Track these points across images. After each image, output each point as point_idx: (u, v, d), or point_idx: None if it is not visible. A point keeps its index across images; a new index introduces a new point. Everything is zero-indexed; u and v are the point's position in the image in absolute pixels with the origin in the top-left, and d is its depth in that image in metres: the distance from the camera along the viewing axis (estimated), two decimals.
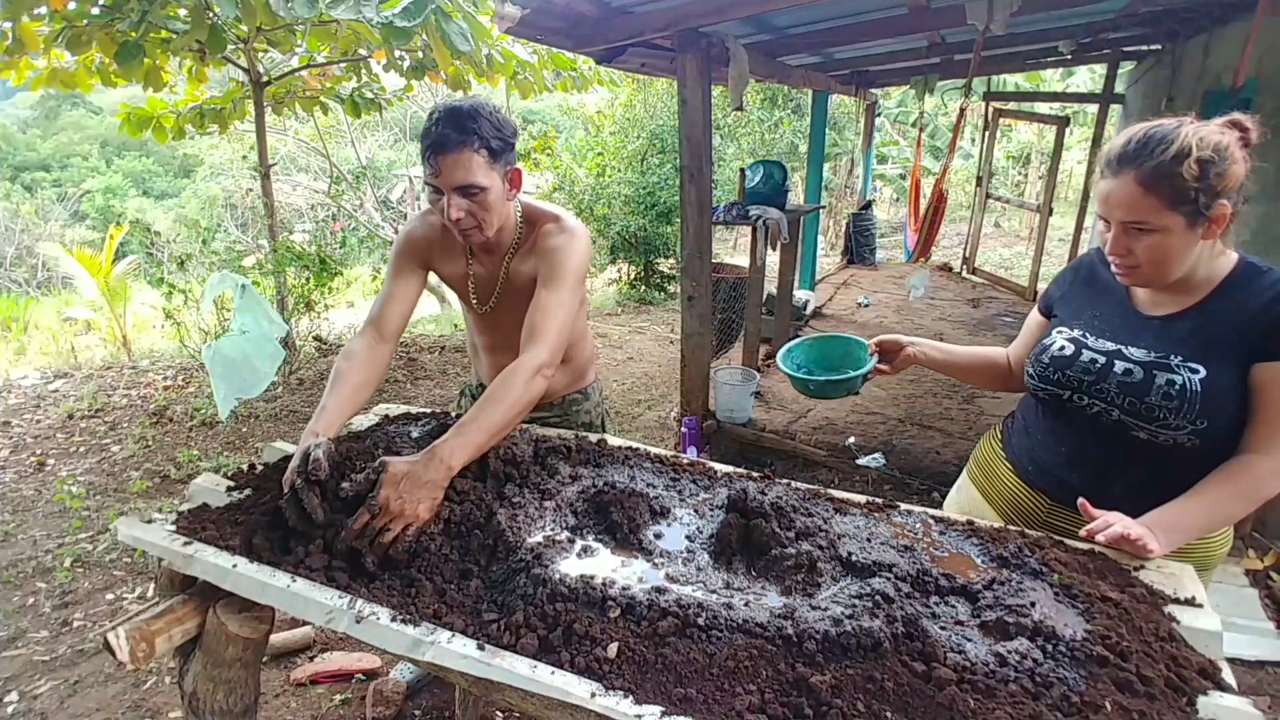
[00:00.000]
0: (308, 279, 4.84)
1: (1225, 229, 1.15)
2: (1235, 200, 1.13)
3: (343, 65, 5.34)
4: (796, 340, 1.71)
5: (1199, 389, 1.16)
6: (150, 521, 1.18)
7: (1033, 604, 0.93)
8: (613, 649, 0.88)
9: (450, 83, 4.97)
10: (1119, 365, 1.23)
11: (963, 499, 1.60)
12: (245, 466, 1.37)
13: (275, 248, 4.94)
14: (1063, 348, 1.31)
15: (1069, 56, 5.70)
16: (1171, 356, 1.20)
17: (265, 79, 5.08)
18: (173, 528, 1.16)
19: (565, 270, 1.48)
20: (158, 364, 5.74)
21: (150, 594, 2.74)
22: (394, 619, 0.95)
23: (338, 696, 2.21)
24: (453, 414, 1.64)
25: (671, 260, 9.13)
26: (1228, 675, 0.96)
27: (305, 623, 2.53)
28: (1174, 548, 1.17)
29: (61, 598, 2.74)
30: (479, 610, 0.98)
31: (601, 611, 0.94)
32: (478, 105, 1.39)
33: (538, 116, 15.93)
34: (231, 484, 1.30)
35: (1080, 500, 1.17)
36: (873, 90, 7.81)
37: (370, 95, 5.65)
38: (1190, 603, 1.09)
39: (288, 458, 1.38)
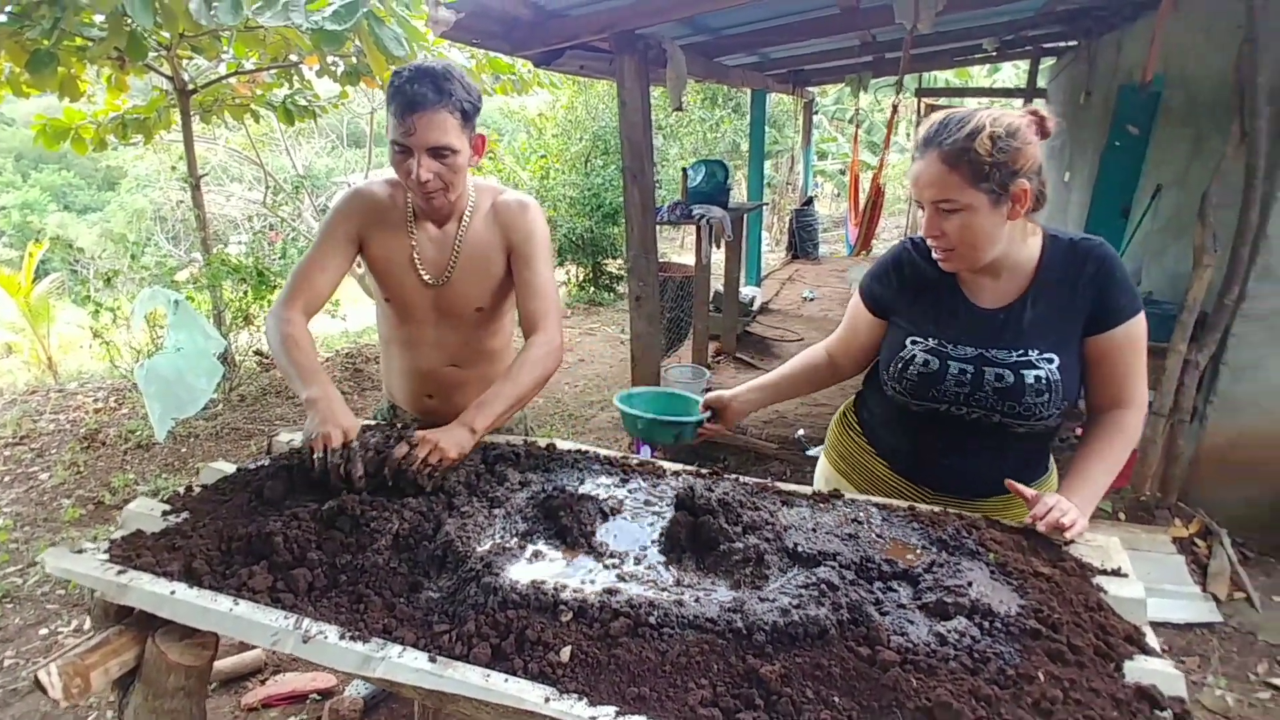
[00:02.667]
0: (245, 292, 4.69)
1: (1028, 208, 1.21)
2: (1035, 181, 1.19)
3: (273, 72, 5.18)
4: (642, 390, 1.75)
5: (1058, 376, 1.24)
6: (81, 551, 1.13)
7: (970, 584, 0.97)
8: (565, 653, 0.89)
9: (386, 88, 4.87)
10: (989, 372, 1.26)
11: (834, 484, 1.57)
12: (182, 489, 1.33)
13: (209, 261, 4.78)
14: (927, 362, 1.31)
15: (993, 53, 5.93)
16: (1029, 351, 1.25)
17: (191, 87, 4.91)
18: (105, 556, 1.11)
19: (543, 248, 1.55)
20: (87, 386, 5.48)
21: (87, 627, 2.62)
22: (342, 636, 0.94)
23: (293, 719, 2.15)
24: (388, 427, 1.58)
25: (620, 260, 9.14)
26: (1152, 640, 1.02)
27: (249, 645, 2.46)
28: (1091, 510, 1.25)
29: None
30: (430, 622, 0.97)
31: (554, 616, 0.95)
32: (449, 67, 1.39)
33: (478, 119, 15.75)
34: (167, 508, 1.26)
35: (1008, 482, 1.23)
36: (809, 88, 7.97)
37: (304, 102, 5.50)
38: (1117, 573, 1.15)
39: (227, 479, 1.35)
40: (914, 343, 1.34)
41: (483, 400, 1.36)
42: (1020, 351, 1.26)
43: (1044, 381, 1.23)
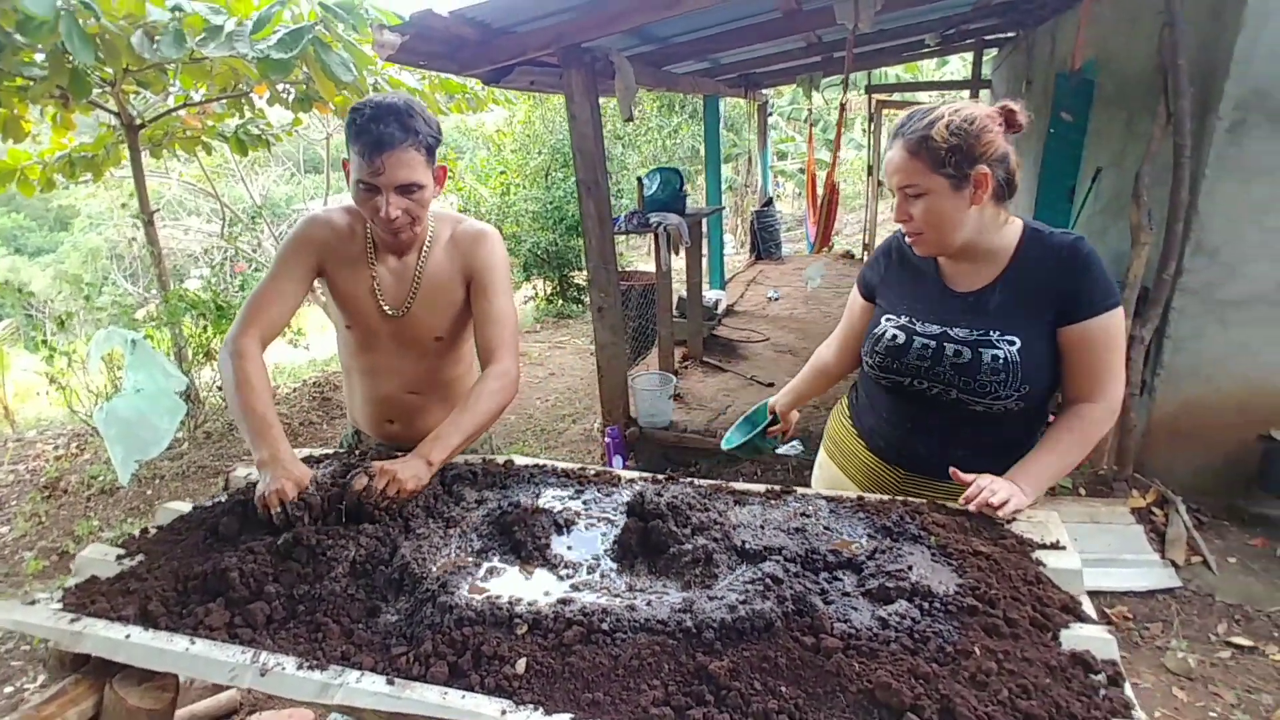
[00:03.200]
0: (205, 327, 4.63)
1: (989, 193, 1.27)
2: (999, 168, 1.26)
3: (223, 102, 5.14)
4: (732, 429, 1.90)
5: (1018, 359, 1.29)
6: (33, 603, 1.12)
7: (910, 567, 1.01)
8: (521, 664, 0.91)
9: (339, 113, 4.86)
10: (949, 348, 1.34)
11: (824, 476, 1.71)
12: (137, 532, 1.32)
13: (167, 298, 4.71)
14: (894, 336, 1.41)
15: (936, 48, 6.07)
16: (991, 332, 1.32)
17: (139, 121, 4.85)
18: (59, 605, 1.11)
19: (501, 277, 1.57)
20: (46, 433, 5.36)
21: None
22: (300, 666, 0.95)
23: None
24: (348, 456, 1.59)
25: (585, 273, 9.15)
26: (1088, 608, 1.07)
27: (225, 685, 2.43)
28: (1039, 494, 1.30)
29: None
30: (388, 645, 0.98)
31: (509, 630, 0.96)
32: (411, 102, 1.40)
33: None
34: (121, 551, 1.25)
35: (951, 469, 1.28)
36: (762, 91, 8.09)
37: (256, 131, 5.46)
38: (1055, 546, 1.19)
39: (183, 518, 1.34)
40: (888, 320, 1.44)
41: (439, 433, 1.36)
42: (981, 331, 1.32)
43: (1001, 361, 1.29)
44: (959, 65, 12.78)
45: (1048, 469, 1.30)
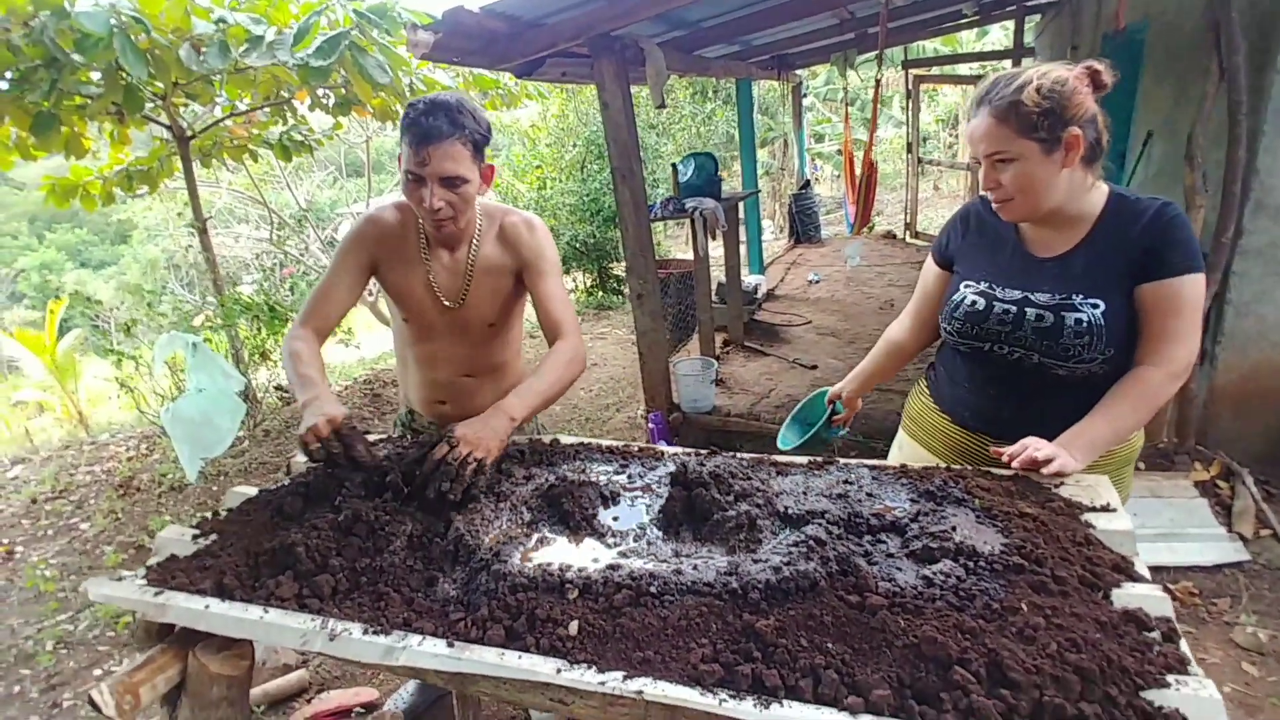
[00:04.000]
0: (260, 329, 4.81)
1: (1082, 154, 1.25)
2: (1090, 129, 1.24)
3: (267, 110, 5.31)
4: (788, 421, 1.90)
5: (1103, 321, 1.27)
6: (120, 579, 1.21)
7: (954, 528, 1.01)
8: (573, 627, 0.94)
9: (378, 115, 4.97)
10: (1030, 312, 1.33)
11: (906, 454, 1.69)
12: (210, 514, 1.40)
13: (222, 302, 4.90)
14: (974, 302, 1.40)
15: (975, 17, 5.91)
16: (1074, 296, 1.30)
17: (189, 133, 5.04)
18: (143, 581, 1.19)
19: (553, 262, 1.65)
20: (118, 436, 5.63)
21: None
22: (365, 632, 1.00)
23: None
24: (403, 439, 1.66)
25: (624, 263, 9.18)
26: (1140, 568, 1.05)
27: (295, 666, 2.54)
28: (1090, 461, 1.27)
29: (48, 681, 2.71)
30: (446, 612, 1.03)
31: (561, 595, 1.00)
32: (462, 99, 1.46)
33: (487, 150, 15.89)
34: (196, 531, 1.33)
35: (992, 448, 1.28)
36: (795, 72, 7.97)
37: (299, 137, 5.63)
38: (1105, 509, 1.18)
39: (251, 500, 1.42)
40: (967, 285, 1.44)
41: (520, 390, 1.42)
42: (1064, 295, 1.31)
43: (1084, 324, 1.28)
44: (1000, 35, 12.38)
45: (1099, 434, 1.27)
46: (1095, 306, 1.28)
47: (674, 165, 4.40)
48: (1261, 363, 3.01)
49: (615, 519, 1.18)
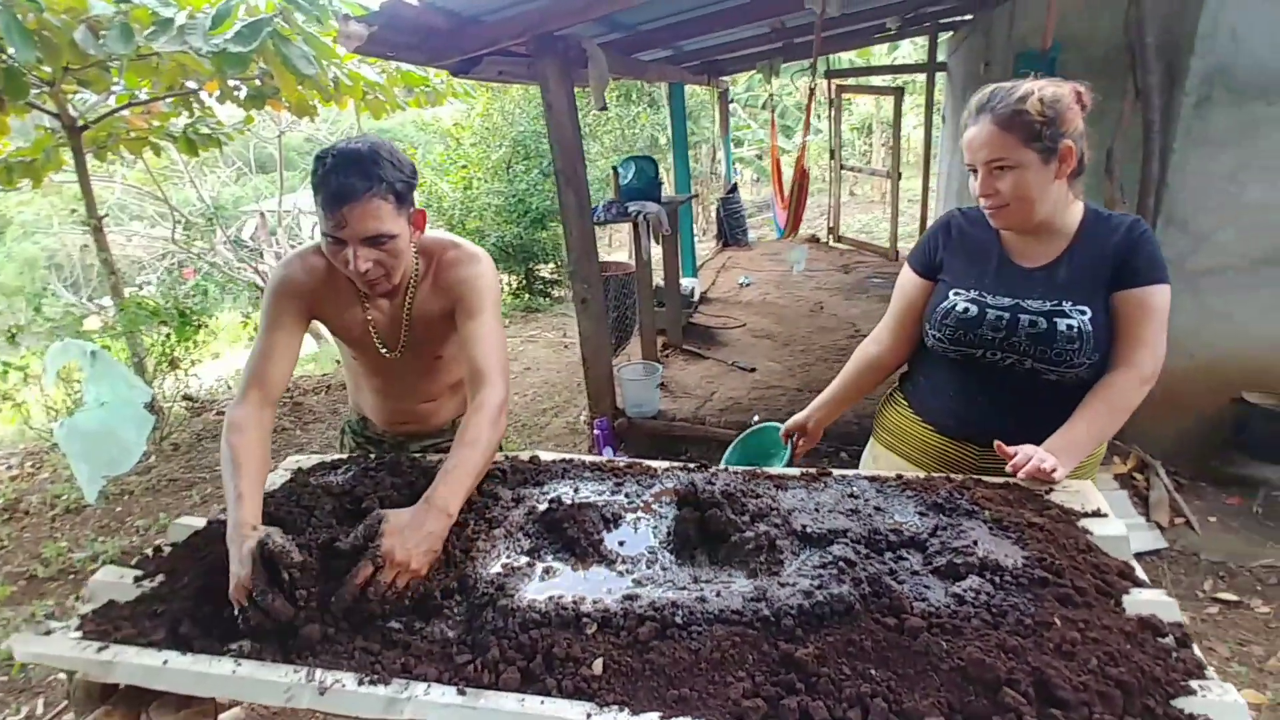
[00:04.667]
0: (168, 335, 4.44)
1: (1073, 168, 1.31)
2: (1079, 144, 1.30)
3: (169, 101, 4.92)
4: (731, 448, 1.82)
5: (1090, 327, 1.32)
6: (49, 633, 1.05)
7: (975, 542, 1.01)
8: (598, 665, 0.87)
9: (294, 109, 4.69)
10: (1024, 318, 1.36)
11: (882, 468, 1.67)
12: (150, 551, 1.25)
13: (123, 306, 4.50)
14: (966, 309, 1.42)
15: (895, 31, 6.14)
16: (1064, 303, 1.35)
17: (81, 123, 4.61)
18: (78, 634, 1.04)
19: (485, 298, 1.44)
20: None
21: (40, 711, 2.44)
22: (361, 682, 0.90)
23: None
24: (359, 459, 1.53)
25: (552, 265, 9.07)
26: (1140, 573, 1.08)
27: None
28: (1072, 468, 1.31)
29: None
30: (449, 654, 0.94)
31: (578, 630, 0.93)
32: (376, 146, 1.30)
33: (390, 135, 15.37)
34: (139, 573, 1.18)
35: (996, 443, 1.28)
36: (723, 78, 8.08)
37: (207, 130, 5.24)
38: (1097, 514, 1.21)
39: (199, 533, 1.27)
40: (956, 294, 1.45)
41: (451, 477, 1.16)
42: (1054, 302, 1.35)
43: (1075, 330, 1.32)
44: (909, 49, 12.97)
45: (1081, 439, 1.31)
46: (1083, 313, 1.33)
47: (614, 168, 4.35)
48: (1171, 366, 3.17)
49: (622, 543, 1.12)
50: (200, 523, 1.31)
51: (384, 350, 1.56)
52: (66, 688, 1.03)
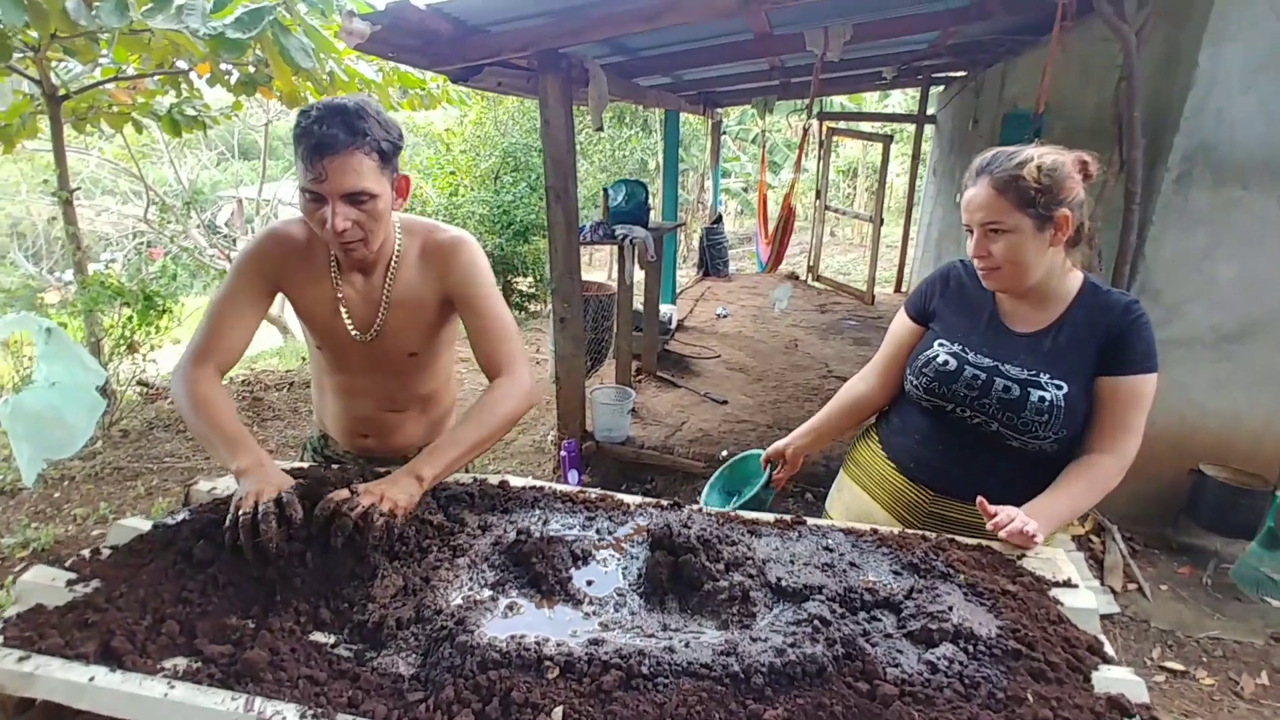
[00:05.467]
0: (130, 318, 4.30)
1: (1069, 236, 1.32)
2: (1078, 213, 1.30)
3: (156, 79, 4.81)
4: (714, 476, 1.83)
5: (1063, 404, 1.32)
6: None
7: (950, 608, 0.99)
8: (557, 714, 0.83)
9: (286, 100, 4.62)
10: (999, 382, 1.37)
11: (846, 497, 1.72)
12: (88, 553, 1.17)
13: (86, 283, 4.35)
14: (946, 362, 1.43)
15: (889, 80, 6.28)
16: (1041, 374, 1.35)
17: (62, 92, 4.48)
18: (0, 639, 0.97)
19: (488, 285, 1.43)
20: None
21: None
22: (303, 716, 0.84)
23: None
24: (319, 469, 1.47)
25: (530, 279, 9.03)
26: (1109, 649, 1.07)
27: None
28: (1048, 535, 1.31)
29: None
30: (401, 690, 0.89)
31: (539, 673, 0.89)
32: (364, 103, 1.25)
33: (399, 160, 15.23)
34: (73, 575, 1.10)
35: (979, 499, 1.27)
36: (718, 109, 8.18)
37: (192, 112, 5.14)
38: (1068, 584, 1.20)
39: (142, 538, 1.20)
40: (940, 344, 1.47)
41: (436, 445, 1.22)
42: (1033, 372, 1.36)
43: (1047, 403, 1.32)
44: (901, 98, 13.30)
45: (1060, 511, 1.31)
46: (1059, 388, 1.34)
47: (605, 189, 4.35)
48: None
49: (590, 582, 1.08)
50: (145, 525, 1.24)
51: (354, 332, 1.47)
52: None
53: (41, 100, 4.46)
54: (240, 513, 1.06)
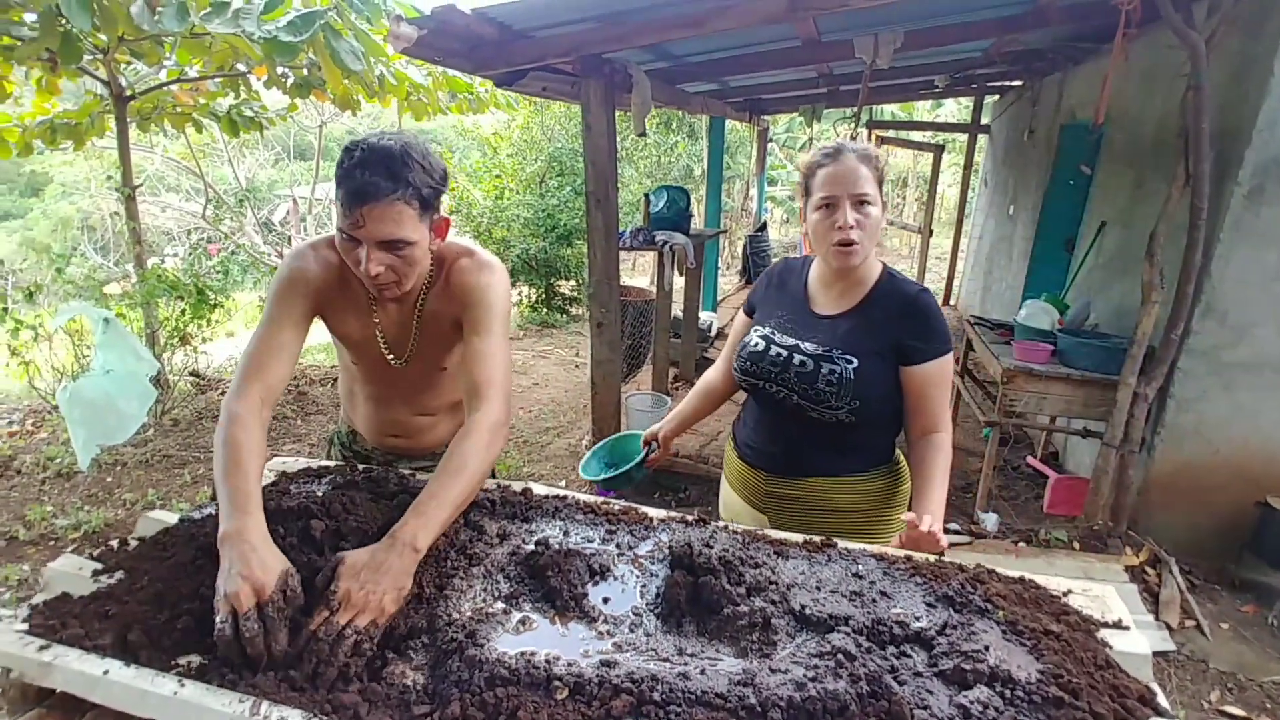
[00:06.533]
0: (183, 310, 4.44)
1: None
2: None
3: (217, 81, 4.98)
4: (595, 448, 1.95)
5: (852, 377, 1.46)
6: None
7: (986, 647, 0.93)
8: None
9: (338, 102, 4.73)
10: (797, 358, 1.52)
11: (724, 495, 1.85)
12: (115, 543, 1.19)
13: (144, 276, 4.51)
14: (757, 344, 1.59)
15: (941, 89, 6.12)
16: (833, 350, 1.49)
17: (129, 93, 4.66)
18: (24, 627, 0.98)
19: (494, 312, 1.37)
20: (0, 407, 5.09)
21: None
22: None
23: None
24: (344, 470, 1.47)
25: (572, 282, 9.06)
26: (1162, 700, 0.99)
27: None
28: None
29: None
30: (407, 702, 0.87)
31: (547, 693, 0.86)
32: (409, 146, 1.22)
33: (430, 137, 15.54)
34: (99, 565, 1.12)
35: (908, 515, 1.32)
36: (764, 117, 8.09)
37: (250, 113, 5.30)
38: (1118, 625, 1.12)
39: (168, 531, 1.22)
40: (756, 329, 1.64)
41: (424, 508, 1.08)
42: (826, 349, 1.50)
43: (837, 376, 1.46)
44: (954, 108, 13.00)
45: (939, 499, 1.42)
46: (849, 363, 1.47)
47: (646, 195, 4.32)
48: (1195, 458, 3.13)
49: (606, 600, 1.05)
50: (172, 519, 1.25)
51: (390, 358, 1.50)
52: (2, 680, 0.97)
53: (109, 100, 4.64)
54: (218, 622, 0.93)
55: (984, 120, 7.84)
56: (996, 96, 7.47)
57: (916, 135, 10.67)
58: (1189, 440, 3.11)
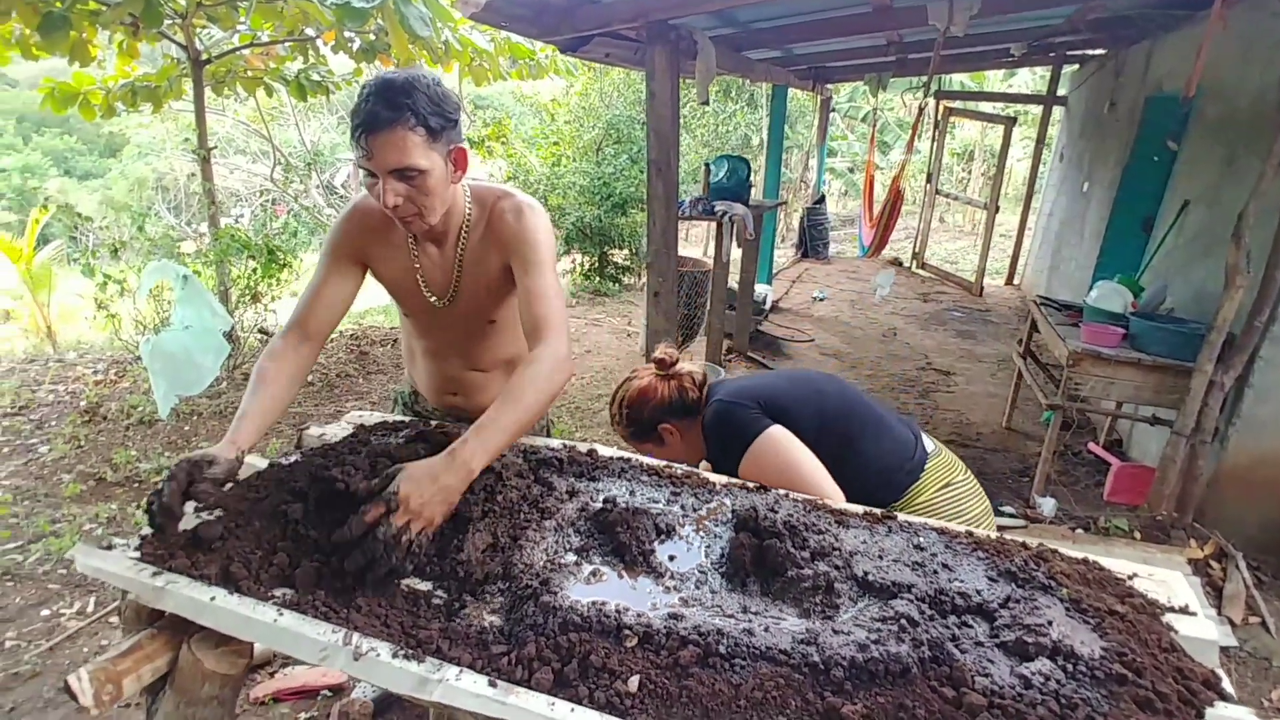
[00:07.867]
0: (254, 269, 4.62)
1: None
2: None
3: (287, 45, 5.09)
4: None
5: None
6: (110, 548, 1.08)
7: (1049, 622, 0.93)
8: (634, 682, 0.84)
9: (403, 67, 4.79)
10: None
11: None
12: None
13: (218, 236, 4.69)
14: None
15: (1018, 58, 5.86)
16: None
17: (205, 57, 4.81)
18: (136, 554, 1.07)
19: (541, 250, 1.41)
20: (86, 357, 5.40)
21: (90, 609, 2.58)
22: (395, 655, 0.89)
23: (302, 715, 2.11)
24: (419, 423, 1.54)
25: (626, 251, 9.06)
26: (1227, 685, 0.98)
27: None
28: None
29: None
30: (485, 642, 0.92)
31: (617, 641, 0.90)
32: (413, 77, 1.26)
33: (488, 102, 15.59)
34: (198, 503, 1.20)
35: None
36: (828, 85, 7.89)
37: (317, 78, 5.41)
38: (1185, 610, 1.11)
39: (260, 473, 1.30)
40: None
41: (482, 427, 1.14)
42: None
43: None
44: (1028, 77, 12.42)
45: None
46: None
47: (706, 164, 4.29)
48: (1271, 450, 3.00)
49: (672, 557, 1.09)
50: (262, 464, 1.34)
51: (432, 298, 1.53)
52: (119, 602, 1.06)
53: (186, 64, 4.80)
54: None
55: (1060, 91, 7.49)
56: (1076, 66, 7.11)
57: (986, 106, 10.27)
58: (1266, 431, 2.99)
